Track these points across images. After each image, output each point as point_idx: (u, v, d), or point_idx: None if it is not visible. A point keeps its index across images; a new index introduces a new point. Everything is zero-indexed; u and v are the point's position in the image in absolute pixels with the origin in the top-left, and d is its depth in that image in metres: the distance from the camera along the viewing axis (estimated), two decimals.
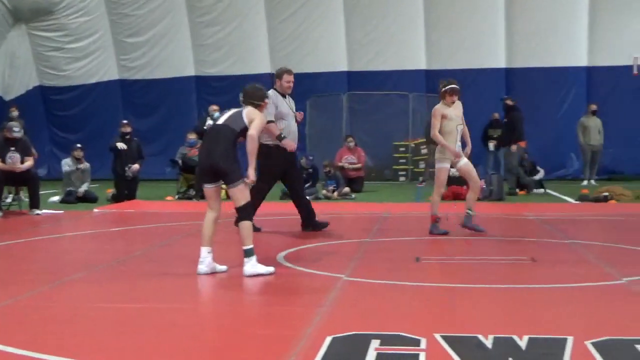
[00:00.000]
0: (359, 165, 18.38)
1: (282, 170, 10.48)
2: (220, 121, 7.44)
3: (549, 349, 4.54)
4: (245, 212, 7.25)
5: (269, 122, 10.08)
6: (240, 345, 4.77)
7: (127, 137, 16.15)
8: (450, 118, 9.89)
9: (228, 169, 7.17)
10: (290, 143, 10.19)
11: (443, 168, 10.01)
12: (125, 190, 15.91)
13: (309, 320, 5.25)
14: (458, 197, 15.63)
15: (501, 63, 22.43)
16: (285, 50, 23.19)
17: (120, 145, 15.87)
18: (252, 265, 7.10)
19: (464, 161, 10.03)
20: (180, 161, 16.80)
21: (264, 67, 23.36)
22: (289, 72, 10.59)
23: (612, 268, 7.36)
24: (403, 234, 10.29)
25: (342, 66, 23.25)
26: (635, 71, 21.87)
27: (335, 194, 16.37)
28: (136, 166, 15.97)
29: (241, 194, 7.22)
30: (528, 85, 22.14)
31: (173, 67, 23.71)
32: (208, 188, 7.38)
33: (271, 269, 7.18)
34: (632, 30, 21.84)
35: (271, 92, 10.31)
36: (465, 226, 10.13)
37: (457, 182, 16.63)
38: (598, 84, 22.29)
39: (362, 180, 18.36)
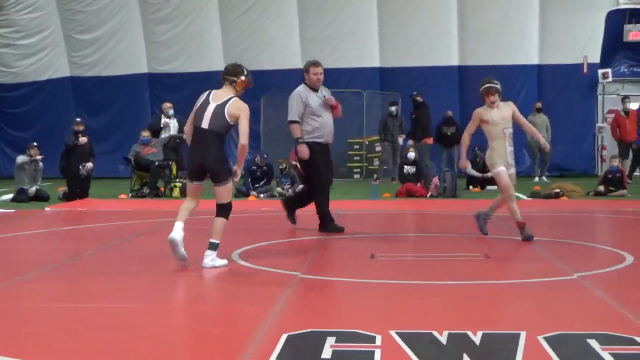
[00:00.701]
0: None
1: (326, 163, 10.14)
2: (205, 124, 7.41)
3: (503, 344, 4.58)
4: (226, 210, 7.50)
5: (292, 122, 9.97)
6: (195, 344, 4.74)
7: (80, 135, 16.01)
8: (494, 123, 9.10)
9: (220, 169, 7.39)
10: (304, 150, 9.88)
11: (499, 172, 9.07)
12: (78, 189, 15.74)
13: (265, 318, 5.24)
14: (412, 194, 15.75)
15: (454, 61, 22.62)
16: (240, 47, 23.11)
17: (82, 140, 15.74)
18: (211, 259, 7.36)
19: (511, 171, 9.18)
20: (132, 159, 16.67)
21: (218, 64, 23.17)
22: (315, 64, 10.22)
23: (564, 264, 7.46)
24: (358, 231, 10.31)
25: (297, 63, 23.21)
26: (585, 69, 22.24)
27: (290, 191, 16.36)
28: (90, 164, 15.83)
29: (227, 193, 7.48)
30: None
31: (125, 64, 23.48)
32: (195, 184, 7.56)
33: (225, 261, 7.47)
34: (582, 29, 22.19)
35: (301, 87, 10.14)
36: (476, 219, 9.60)
37: (412, 179, 16.78)
38: (549, 82, 22.61)
39: None
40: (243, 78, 7.69)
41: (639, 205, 13.87)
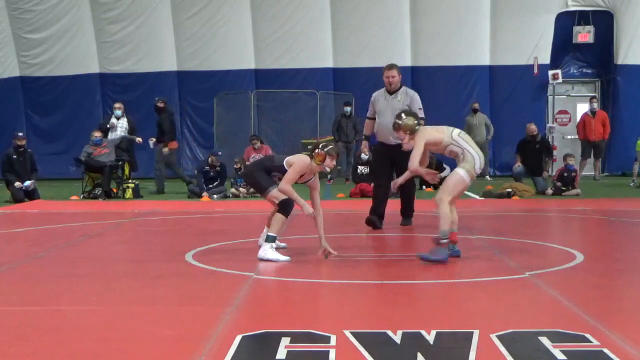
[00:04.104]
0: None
1: (391, 165, 10.52)
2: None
3: (456, 343, 4.61)
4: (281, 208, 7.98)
5: (368, 118, 10.75)
6: (147, 346, 4.69)
7: (21, 149, 15.93)
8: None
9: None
10: (363, 145, 11.30)
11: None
12: (25, 198, 15.60)
13: (219, 319, 5.21)
14: (366, 194, 15.80)
15: (407, 61, 22.75)
16: (192, 48, 23.02)
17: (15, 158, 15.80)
18: (263, 250, 7.79)
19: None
20: (84, 160, 16.49)
21: (170, 64, 23.13)
22: (388, 67, 10.60)
23: (516, 262, 7.53)
24: (311, 231, 10.29)
25: (250, 64, 23.21)
26: (535, 70, 22.54)
27: (244, 191, 16.31)
28: (29, 183, 15.71)
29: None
30: (433, 84, 22.52)
31: (76, 64, 23.23)
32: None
33: (284, 257, 7.73)
34: (533, 31, 22.50)
35: (381, 89, 10.67)
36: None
37: (366, 179, 16.82)
38: (500, 83, 22.88)
39: None
40: (318, 152, 8.08)
41: (589, 204, 14.09)
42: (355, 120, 20.26)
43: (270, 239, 7.83)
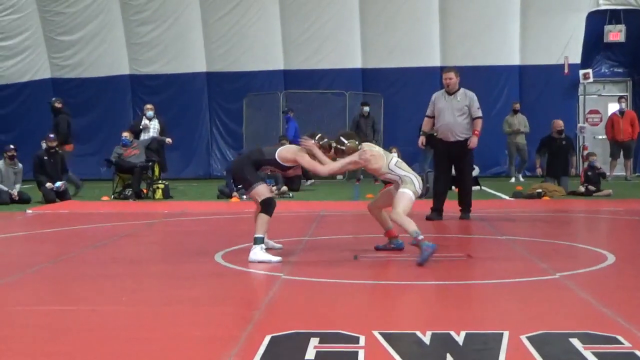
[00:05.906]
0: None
1: (449, 161, 11.40)
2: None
3: (486, 344, 4.59)
4: (265, 207, 7.90)
5: (426, 116, 11.55)
6: (177, 346, 4.72)
7: (52, 151, 16.02)
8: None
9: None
10: (420, 141, 11.74)
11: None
12: (57, 199, 15.71)
13: (248, 320, 5.23)
14: None
15: (436, 62, 22.68)
16: (222, 49, 23.10)
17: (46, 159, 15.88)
18: (254, 253, 7.69)
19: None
20: (113, 161, 16.61)
21: (200, 65, 23.22)
22: (446, 70, 11.68)
23: (546, 263, 7.48)
24: (341, 232, 10.31)
25: (279, 65, 23.25)
26: (566, 70, 22.38)
27: (275, 192, 16.34)
28: (59, 184, 15.78)
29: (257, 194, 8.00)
30: (462, 84, 22.39)
31: (107, 65, 23.39)
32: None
33: (275, 258, 7.69)
34: (563, 30, 22.35)
35: (441, 91, 11.56)
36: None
37: None
38: (530, 83, 22.75)
39: (299, 179, 18.34)
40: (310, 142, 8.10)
41: (620, 204, 13.96)
42: (373, 120, 20.29)
43: (258, 241, 7.77)
